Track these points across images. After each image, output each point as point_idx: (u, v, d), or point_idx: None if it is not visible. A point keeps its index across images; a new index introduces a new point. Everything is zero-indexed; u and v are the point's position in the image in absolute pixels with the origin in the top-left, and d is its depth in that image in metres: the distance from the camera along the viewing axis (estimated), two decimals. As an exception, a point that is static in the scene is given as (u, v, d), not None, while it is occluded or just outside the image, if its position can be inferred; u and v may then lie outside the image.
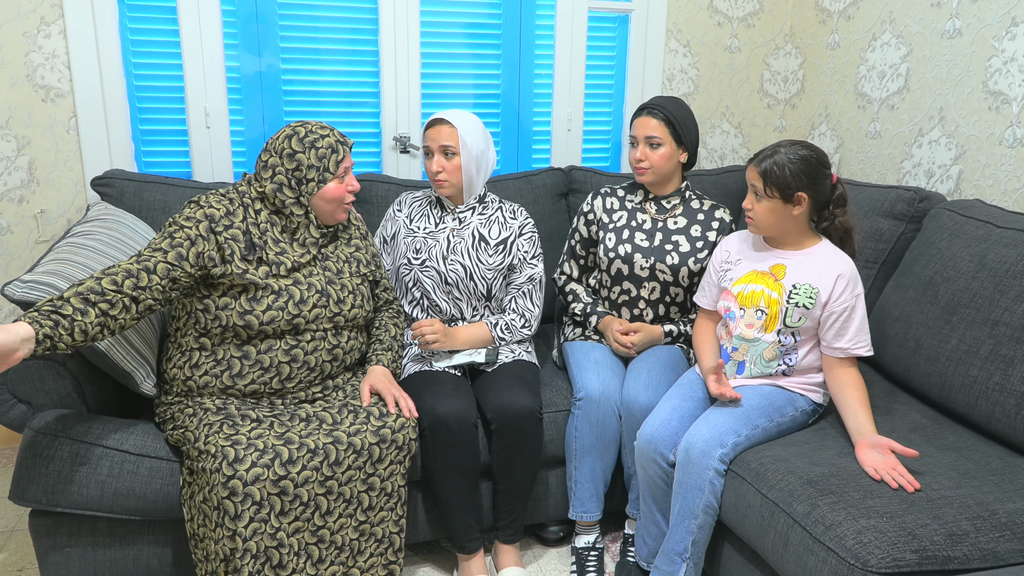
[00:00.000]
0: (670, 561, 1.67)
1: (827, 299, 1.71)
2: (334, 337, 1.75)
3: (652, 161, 2.03)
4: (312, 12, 2.44)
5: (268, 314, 1.64)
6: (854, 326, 1.71)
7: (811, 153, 1.72)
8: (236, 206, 1.68)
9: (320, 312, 1.70)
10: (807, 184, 1.71)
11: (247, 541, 1.46)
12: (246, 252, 1.64)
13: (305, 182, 1.70)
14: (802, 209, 1.73)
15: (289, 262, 1.69)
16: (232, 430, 1.56)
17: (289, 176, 1.69)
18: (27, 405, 1.66)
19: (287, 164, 1.69)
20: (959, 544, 1.34)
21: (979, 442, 1.69)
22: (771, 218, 1.75)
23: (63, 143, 2.30)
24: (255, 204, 1.70)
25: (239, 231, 1.65)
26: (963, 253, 1.85)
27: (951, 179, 2.29)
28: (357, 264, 1.83)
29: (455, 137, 1.93)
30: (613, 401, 1.90)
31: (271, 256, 1.67)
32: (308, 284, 1.70)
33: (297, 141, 1.69)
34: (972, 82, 2.21)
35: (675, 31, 2.80)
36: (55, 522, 1.62)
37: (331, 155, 1.71)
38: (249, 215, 1.68)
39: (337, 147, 1.72)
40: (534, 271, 2.05)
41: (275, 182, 1.70)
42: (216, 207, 1.65)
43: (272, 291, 1.65)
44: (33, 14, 2.19)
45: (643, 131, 2.02)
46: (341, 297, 1.74)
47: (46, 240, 2.34)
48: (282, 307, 1.65)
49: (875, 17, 2.55)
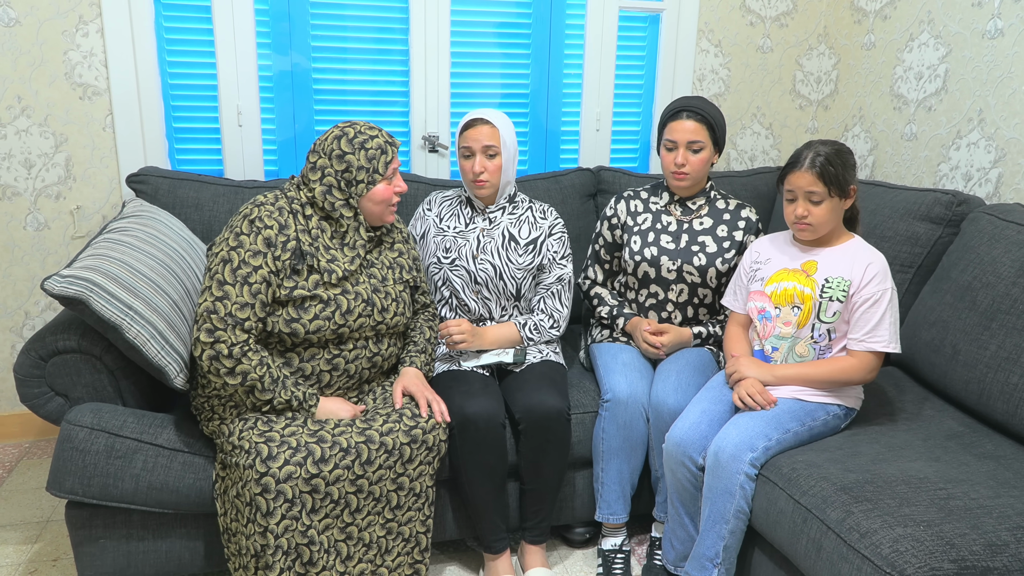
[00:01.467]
0: (701, 567, 1.66)
1: (855, 289, 1.71)
2: (375, 345, 1.75)
3: (693, 166, 1.99)
4: (343, 11, 2.45)
5: (315, 323, 1.64)
6: (875, 319, 1.69)
7: (843, 146, 1.77)
8: (286, 215, 1.66)
9: (364, 321, 1.70)
10: (853, 175, 1.75)
11: (279, 538, 1.47)
12: (295, 262, 1.64)
13: (355, 183, 1.69)
14: (851, 201, 1.76)
15: (340, 270, 1.68)
16: (266, 426, 1.58)
17: (339, 178, 1.68)
18: (64, 398, 1.69)
19: (336, 165, 1.68)
20: (999, 555, 1.31)
21: (1018, 451, 1.65)
22: (831, 218, 1.74)
23: (99, 140, 2.34)
24: (305, 210, 1.69)
25: (292, 244, 1.64)
26: (1003, 258, 1.81)
27: (990, 182, 2.25)
28: (400, 270, 1.82)
29: (497, 137, 1.93)
30: (641, 403, 1.88)
31: (323, 264, 1.66)
32: (355, 293, 1.69)
33: (347, 142, 1.68)
34: (1014, 83, 2.16)
35: (707, 31, 2.77)
36: (91, 514, 1.65)
37: (380, 156, 1.70)
38: (299, 222, 1.67)
39: (386, 148, 1.71)
40: (563, 271, 2.04)
41: (324, 184, 1.69)
42: (270, 224, 1.63)
43: (320, 300, 1.65)
44: (72, 13, 2.23)
45: (685, 135, 1.97)
46: (385, 305, 1.74)
47: (82, 236, 2.38)
48: (329, 317, 1.65)
49: (913, 17, 2.50)
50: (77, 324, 1.69)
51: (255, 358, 1.58)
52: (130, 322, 1.58)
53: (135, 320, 1.60)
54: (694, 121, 1.96)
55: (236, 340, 1.56)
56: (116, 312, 1.57)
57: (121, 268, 1.66)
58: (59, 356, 1.66)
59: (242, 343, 1.57)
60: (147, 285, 1.69)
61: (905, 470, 1.54)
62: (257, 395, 1.59)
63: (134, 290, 1.64)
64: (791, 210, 1.75)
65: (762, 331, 1.82)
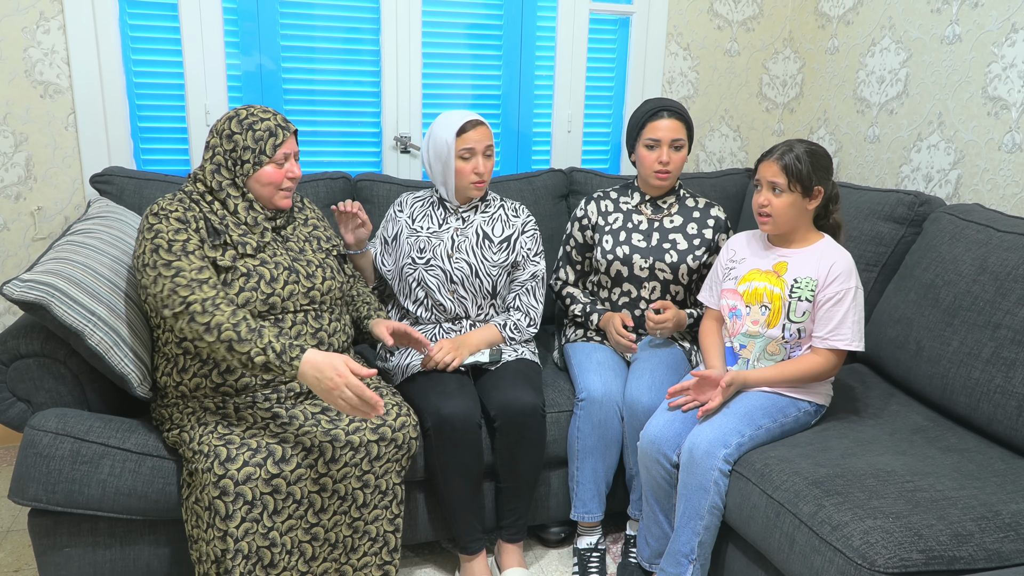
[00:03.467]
0: (676, 563, 1.67)
1: (820, 287, 1.74)
2: (316, 320, 1.73)
3: (675, 164, 2.03)
4: (313, 11, 2.43)
5: (242, 296, 1.62)
6: (837, 317, 1.72)
7: (822, 149, 1.78)
8: (188, 203, 1.66)
9: (293, 288, 1.69)
10: (823, 178, 1.76)
11: (238, 542, 1.45)
12: (212, 239, 1.63)
13: (240, 163, 1.67)
14: (816, 203, 1.77)
15: (253, 242, 1.67)
16: (227, 430, 1.55)
17: (226, 157, 1.67)
18: (26, 403, 1.64)
19: (225, 145, 1.67)
20: (965, 544, 1.34)
21: (981, 444, 1.70)
22: (790, 213, 1.76)
23: (61, 140, 2.28)
24: (205, 197, 1.68)
25: (202, 223, 1.64)
26: (964, 256, 1.86)
27: (950, 183, 2.31)
28: (318, 241, 1.82)
29: (492, 137, 1.97)
30: (615, 402, 1.90)
31: (235, 237, 1.66)
32: (275, 263, 1.69)
33: (237, 123, 1.67)
34: (971, 87, 2.23)
35: (675, 34, 2.81)
36: (55, 522, 1.61)
37: (269, 138, 1.68)
38: (203, 206, 1.67)
39: (276, 131, 1.69)
40: (537, 268, 2.06)
41: (214, 163, 1.68)
42: (174, 209, 1.62)
43: (241, 273, 1.63)
44: (32, 9, 2.17)
45: (669, 133, 2.00)
46: (310, 272, 1.73)
47: (43, 238, 2.32)
48: (255, 287, 1.63)
49: (875, 22, 2.56)
50: (39, 328, 1.65)
51: (227, 309, 1.53)
52: (92, 328, 1.55)
53: (98, 326, 1.56)
54: (675, 120, 2.00)
55: (207, 295, 1.53)
56: (78, 318, 1.53)
57: (84, 272, 1.62)
58: (21, 360, 1.61)
59: (212, 297, 1.54)
60: (111, 290, 1.65)
61: (873, 464, 1.57)
62: (236, 348, 1.50)
63: (97, 295, 1.60)
64: (755, 199, 1.79)
65: (731, 328, 1.85)
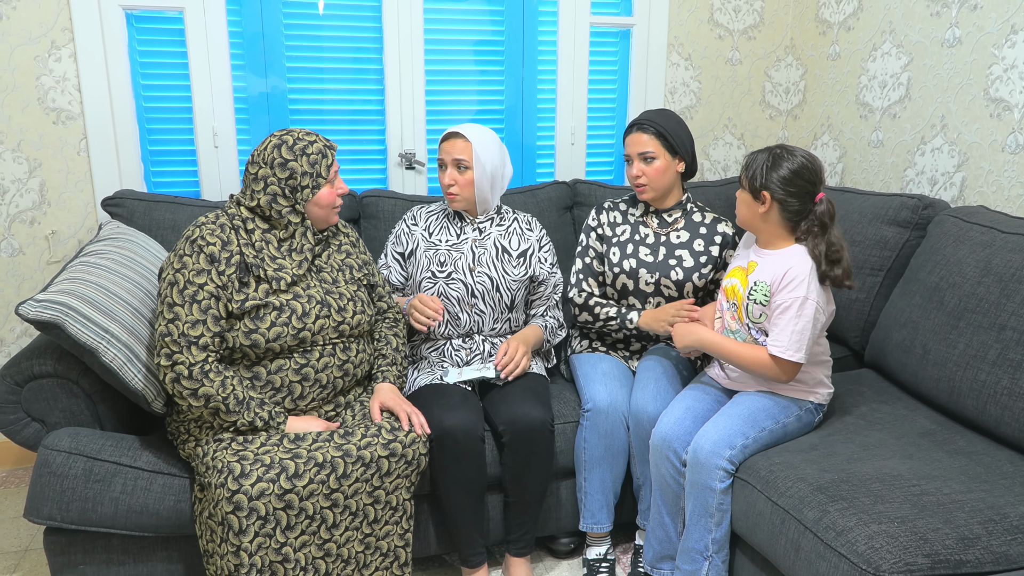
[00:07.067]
0: (691, 560, 1.69)
1: (772, 293, 1.72)
2: (343, 352, 1.76)
3: (649, 176, 2.02)
4: (317, 32, 2.48)
5: (273, 331, 1.65)
6: (779, 325, 1.69)
7: (795, 159, 1.67)
8: (228, 231, 1.67)
9: (324, 323, 1.71)
10: (777, 186, 1.68)
11: (252, 556, 1.47)
12: (241, 275, 1.65)
13: (300, 189, 1.70)
14: (767, 209, 1.71)
15: (288, 276, 1.69)
16: (241, 446, 1.57)
17: (283, 185, 1.69)
18: (41, 423, 1.68)
19: (280, 174, 1.69)
20: (971, 548, 1.34)
21: (989, 446, 1.69)
22: (745, 211, 1.77)
23: (74, 165, 2.33)
24: (247, 224, 1.70)
25: (236, 258, 1.65)
26: (968, 259, 1.85)
27: (954, 186, 2.31)
28: (350, 271, 1.84)
29: (469, 151, 1.96)
30: (621, 412, 1.90)
31: (270, 272, 1.67)
32: (308, 296, 1.71)
33: (287, 150, 1.70)
34: (973, 90, 2.23)
35: (676, 45, 2.83)
36: (70, 540, 1.64)
37: (322, 160, 1.72)
38: (242, 237, 1.68)
39: (326, 152, 1.74)
40: (557, 279, 2.14)
41: (269, 193, 1.69)
42: (212, 242, 1.64)
43: (274, 307, 1.66)
44: (44, 38, 2.23)
45: (635, 147, 2.03)
46: (341, 305, 1.75)
47: (57, 261, 2.37)
48: (286, 322, 1.66)
49: (875, 28, 2.57)
50: (53, 348, 1.68)
51: (216, 379, 1.58)
52: (107, 346, 1.58)
53: (112, 344, 1.59)
54: (644, 133, 2.01)
55: (194, 360, 1.57)
56: (92, 336, 1.56)
57: (97, 291, 1.66)
58: (35, 381, 1.65)
59: (200, 363, 1.57)
60: (124, 308, 1.69)
61: (879, 468, 1.56)
62: (223, 417, 1.59)
63: (111, 313, 1.64)
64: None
65: (719, 322, 1.89)
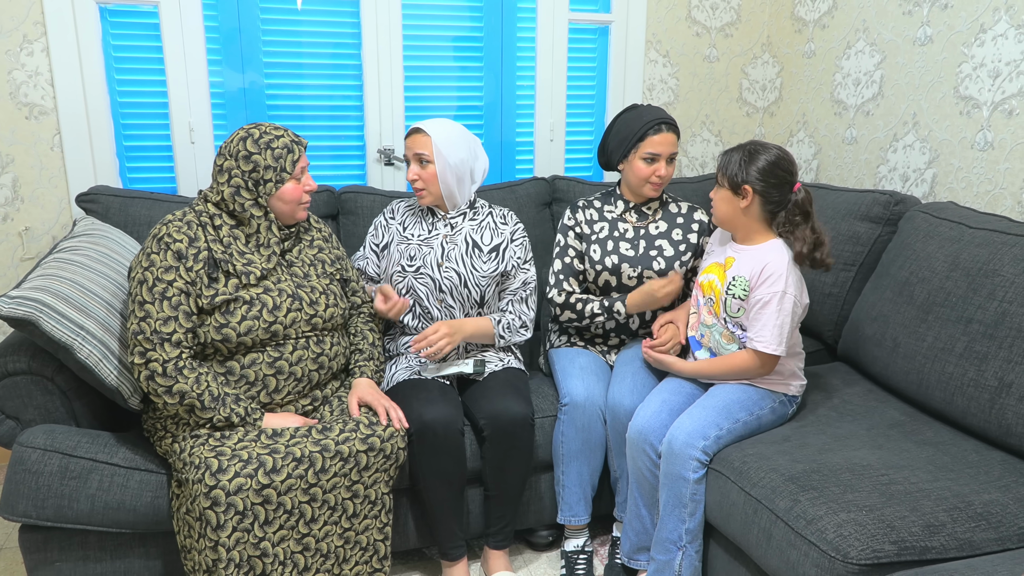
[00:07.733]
0: (665, 550, 1.71)
1: (751, 288, 1.75)
2: (317, 345, 1.76)
3: (669, 176, 2.04)
4: (295, 27, 2.47)
5: (244, 324, 1.65)
6: (761, 320, 1.73)
7: (770, 152, 1.74)
8: (195, 228, 1.67)
9: (296, 316, 1.71)
10: (756, 178, 1.73)
11: (230, 551, 1.47)
12: (209, 271, 1.65)
13: (263, 183, 1.69)
14: (748, 203, 1.76)
15: (257, 271, 1.69)
16: (219, 442, 1.57)
17: (246, 178, 1.69)
18: (15, 421, 1.66)
19: (243, 166, 1.69)
20: (936, 535, 1.37)
21: (956, 436, 1.73)
22: (724, 208, 1.80)
23: (47, 160, 2.31)
24: (214, 220, 1.69)
25: (204, 254, 1.65)
26: (937, 253, 1.89)
27: (926, 182, 2.35)
28: (323, 265, 1.84)
29: (429, 146, 1.96)
30: (598, 405, 1.92)
31: (239, 267, 1.67)
32: (279, 290, 1.71)
33: (252, 143, 1.69)
34: (944, 88, 2.27)
35: (654, 42, 2.85)
36: (45, 537, 1.63)
37: (287, 155, 1.71)
38: (209, 233, 1.67)
39: (292, 147, 1.72)
40: (528, 275, 2.08)
41: (232, 185, 1.69)
42: (179, 239, 1.63)
43: (244, 301, 1.66)
44: (15, 32, 2.20)
45: (668, 148, 2.01)
46: (313, 299, 1.75)
47: (31, 257, 2.34)
48: (257, 315, 1.66)
49: (849, 26, 2.61)
50: (27, 345, 1.67)
51: (191, 376, 1.58)
52: (82, 342, 1.57)
53: (87, 340, 1.58)
54: (672, 134, 2.02)
55: (168, 357, 1.57)
56: (67, 332, 1.56)
57: (72, 288, 1.65)
58: (9, 378, 1.64)
59: (174, 359, 1.57)
60: (99, 305, 1.68)
61: (849, 458, 1.60)
62: (198, 413, 1.60)
63: (86, 310, 1.63)
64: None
65: (695, 317, 1.91)
